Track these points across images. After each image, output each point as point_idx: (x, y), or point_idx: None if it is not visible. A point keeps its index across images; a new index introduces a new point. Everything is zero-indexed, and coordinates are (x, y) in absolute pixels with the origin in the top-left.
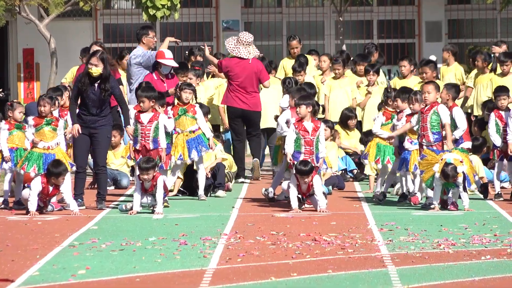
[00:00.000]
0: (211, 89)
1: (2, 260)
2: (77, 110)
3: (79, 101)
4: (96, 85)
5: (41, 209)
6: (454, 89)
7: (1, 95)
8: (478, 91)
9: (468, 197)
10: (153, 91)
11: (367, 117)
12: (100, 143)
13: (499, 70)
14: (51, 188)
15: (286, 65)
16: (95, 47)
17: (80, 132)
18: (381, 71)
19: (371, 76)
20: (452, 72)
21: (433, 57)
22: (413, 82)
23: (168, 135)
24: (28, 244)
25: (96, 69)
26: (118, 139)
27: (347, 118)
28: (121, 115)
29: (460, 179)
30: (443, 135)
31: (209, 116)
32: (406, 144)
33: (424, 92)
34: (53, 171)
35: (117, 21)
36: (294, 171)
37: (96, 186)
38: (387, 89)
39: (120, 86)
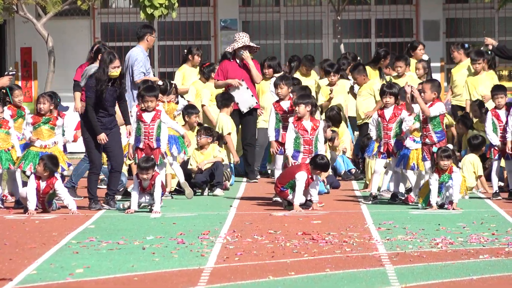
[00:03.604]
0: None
1: (0, 258)
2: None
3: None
4: (109, 84)
5: (41, 211)
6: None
7: (11, 74)
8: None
9: (458, 194)
10: (156, 91)
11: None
12: (118, 142)
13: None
14: (43, 185)
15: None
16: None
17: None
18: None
19: (332, 77)
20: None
21: (425, 57)
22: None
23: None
24: (26, 243)
25: (118, 70)
26: None
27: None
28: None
29: (456, 171)
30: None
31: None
32: (408, 142)
33: (421, 91)
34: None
35: (114, 20)
36: (312, 166)
37: (107, 185)
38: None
39: None
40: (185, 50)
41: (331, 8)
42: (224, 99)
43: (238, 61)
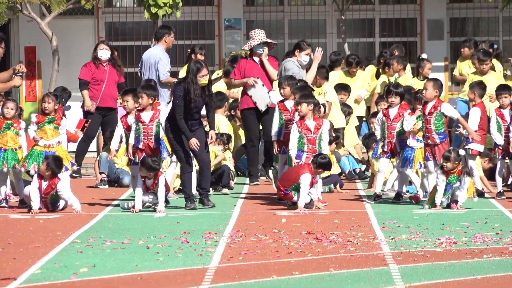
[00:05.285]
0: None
1: (4, 258)
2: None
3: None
4: (199, 92)
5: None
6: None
7: (19, 74)
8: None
9: (465, 196)
10: (153, 90)
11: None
12: (202, 142)
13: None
14: (44, 185)
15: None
16: (103, 46)
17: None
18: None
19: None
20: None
21: (424, 55)
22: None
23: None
24: (30, 242)
25: (206, 78)
26: None
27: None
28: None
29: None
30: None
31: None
32: (411, 142)
33: (423, 89)
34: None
35: (119, 19)
36: (314, 166)
37: (198, 184)
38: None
39: None
40: (189, 50)
41: (335, 7)
42: (218, 100)
43: (255, 59)
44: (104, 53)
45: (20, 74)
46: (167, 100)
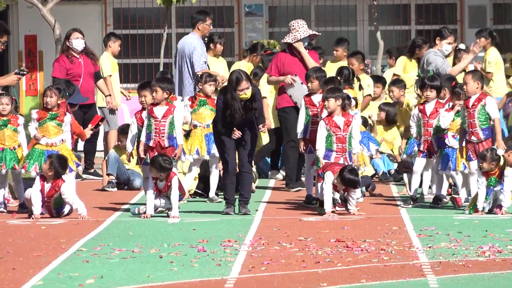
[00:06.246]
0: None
1: (2, 268)
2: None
3: None
4: (242, 106)
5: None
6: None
7: (21, 74)
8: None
9: (509, 200)
10: (169, 83)
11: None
12: (243, 146)
13: None
14: (47, 187)
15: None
16: (77, 35)
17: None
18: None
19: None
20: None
21: (462, 46)
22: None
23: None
24: (31, 251)
25: (248, 92)
26: (125, 144)
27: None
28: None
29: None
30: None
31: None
32: (451, 141)
33: (463, 83)
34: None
35: (128, 5)
36: (339, 180)
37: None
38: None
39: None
40: (206, 38)
41: None
42: None
43: (296, 53)
44: (79, 42)
45: (22, 73)
46: (190, 94)
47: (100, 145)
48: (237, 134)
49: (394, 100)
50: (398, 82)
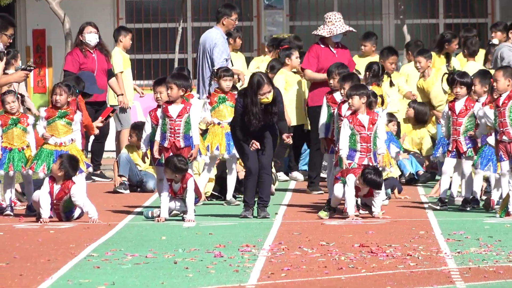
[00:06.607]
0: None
1: (9, 274)
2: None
3: None
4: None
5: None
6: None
7: (28, 70)
8: None
9: None
10: (185, 79)
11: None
12: (262, 149)
13: None
14: (56, 189)
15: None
16: (90, 29)
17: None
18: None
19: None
20: None
21: (495, 41)
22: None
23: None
24: (39, 256)
25: (270, 96)
26: (135, 140)
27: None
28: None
29: None
30: None
31: None
32: (490, 139)
33: (493, 80)
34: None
35: None
36: (361, 180)
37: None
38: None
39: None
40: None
41: None
42: None
43: (331, 47)
44: (92, 37)
45: (29, 69)
46: (206, 93)
47: (112, 145)
48: (255, 146)
49: (421, 70)
50: (425, 52)
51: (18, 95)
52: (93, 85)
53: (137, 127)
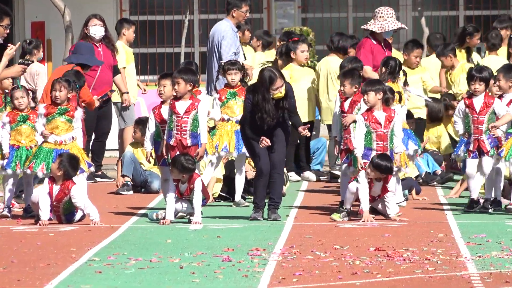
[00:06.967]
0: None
1: (7, 279)
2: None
3: None
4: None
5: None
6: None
7: (26, 64)
8: None
9: None
10: (192, 74)
11: None
12: (273, 147)
13: None
14: (56, 190)
15: None
16: (96, 21)
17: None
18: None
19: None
20: None
21: None
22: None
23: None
24: (38, 260)
25: (282, 90)
26: (139, 135)
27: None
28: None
29: None
30: None
31: None
32: None
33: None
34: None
35: None
36: (371, 167)
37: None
38: None
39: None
40: None
41: None
42: None
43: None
44: (97, 30)
45: (27, 63)
46: (218, 87)
47: (114, 143)
48: (264, 143)
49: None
50: (447, 44)
51: (29, 91)
52: (92, 57)
53: (141, 122)
